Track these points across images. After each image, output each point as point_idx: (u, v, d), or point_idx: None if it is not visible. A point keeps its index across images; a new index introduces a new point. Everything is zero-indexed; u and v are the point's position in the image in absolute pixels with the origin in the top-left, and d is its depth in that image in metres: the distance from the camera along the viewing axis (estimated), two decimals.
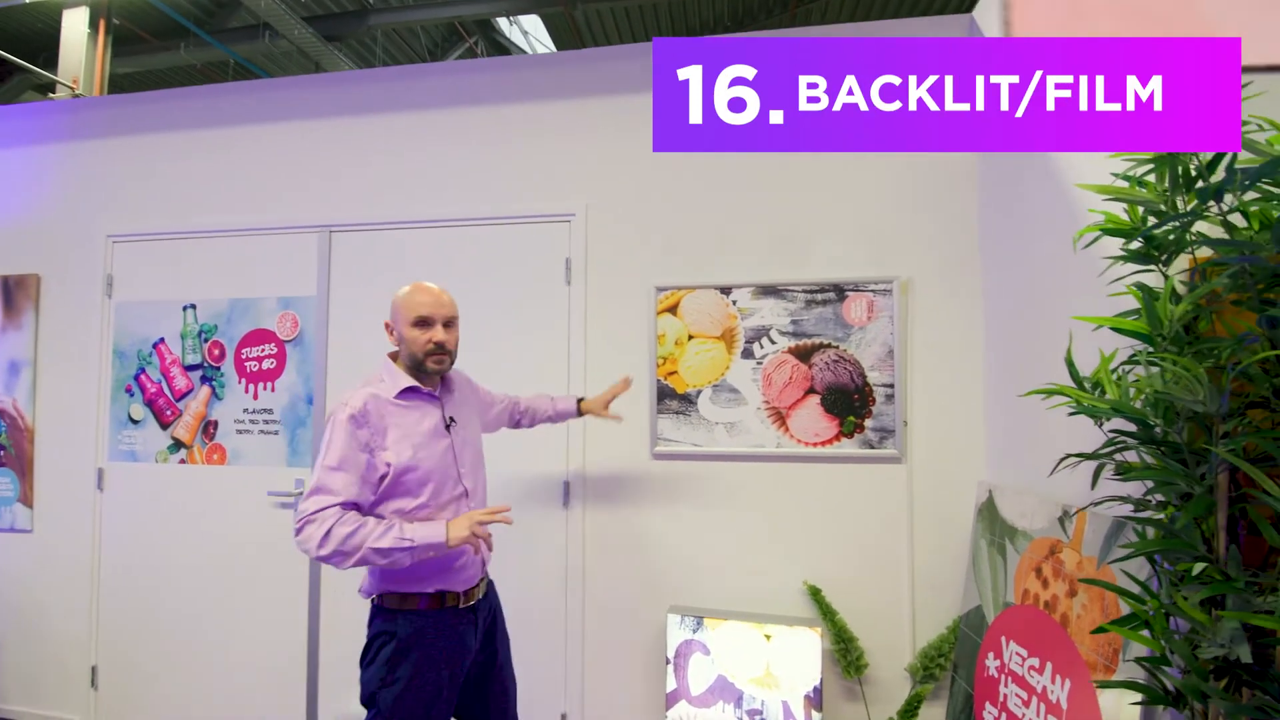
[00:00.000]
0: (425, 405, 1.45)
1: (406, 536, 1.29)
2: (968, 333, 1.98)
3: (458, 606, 1.43)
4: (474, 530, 1.33)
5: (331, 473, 1.31)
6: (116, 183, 2.57)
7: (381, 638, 1.40)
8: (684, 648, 1.95)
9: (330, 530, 1.26)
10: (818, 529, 2.03)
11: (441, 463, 1.43)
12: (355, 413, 1.34)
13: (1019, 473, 1.74)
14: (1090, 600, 1.32)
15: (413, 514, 1.38)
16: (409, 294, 1.45)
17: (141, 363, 2.51)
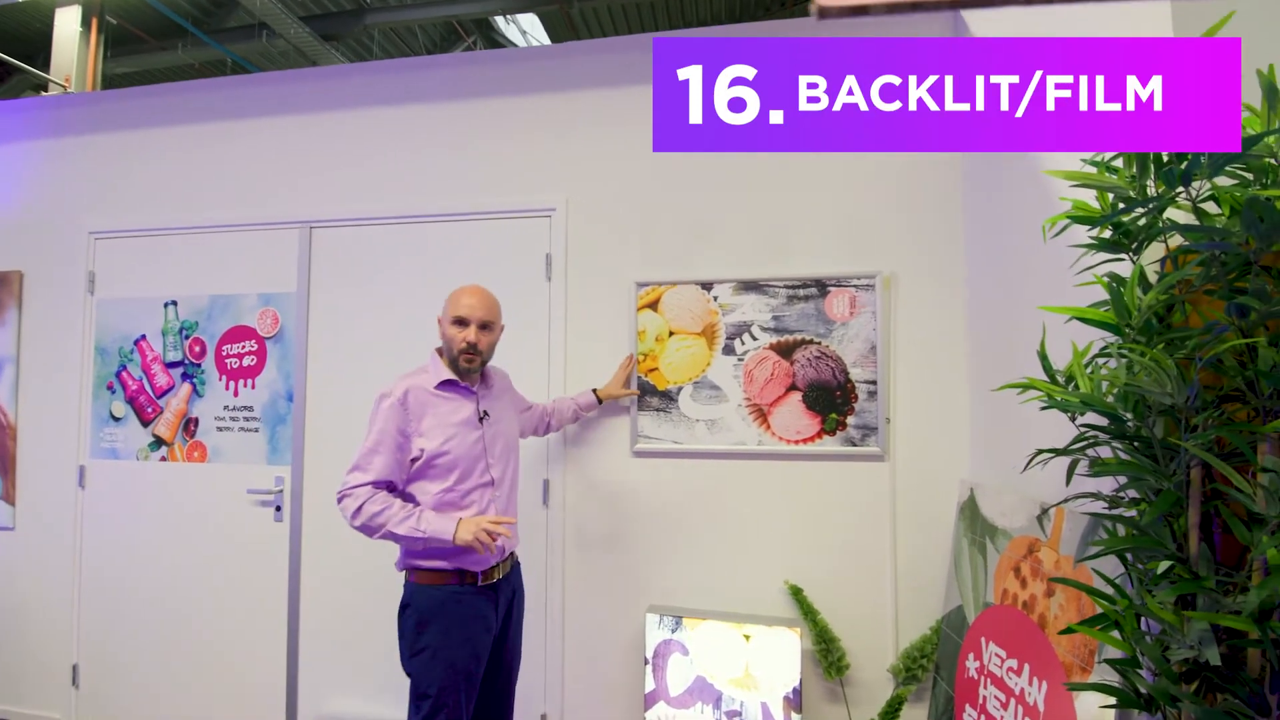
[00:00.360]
0: (461, 398, 1.58)
1: (420, 528, 1.44)
2: (951, 328, 1.95)
3: (476, 584, 1.53)
4: (478, 535, 1.42)
5: (369, 453, 1.48)
6: (99, 179, 2.56)
7: (406, 609, 1.53)
8: (663, 648, 1.92)
9: (362, 506, 1.43)
10: (799, 528, 2.00)
11: (471, 452, 1.55)
12: (395, 400, 1.49)
13: (999, 470, 1.70)
14: (1067, 600, 1.29)
15: (439, 496, 1.51)
16: (457, 293, 1.60)
17: (123, 360, 2.50)
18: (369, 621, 2.22)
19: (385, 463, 1.47)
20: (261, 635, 2.31)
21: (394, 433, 1.48)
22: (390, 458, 1.47)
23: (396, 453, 1.48)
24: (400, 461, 1.49)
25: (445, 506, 1.51)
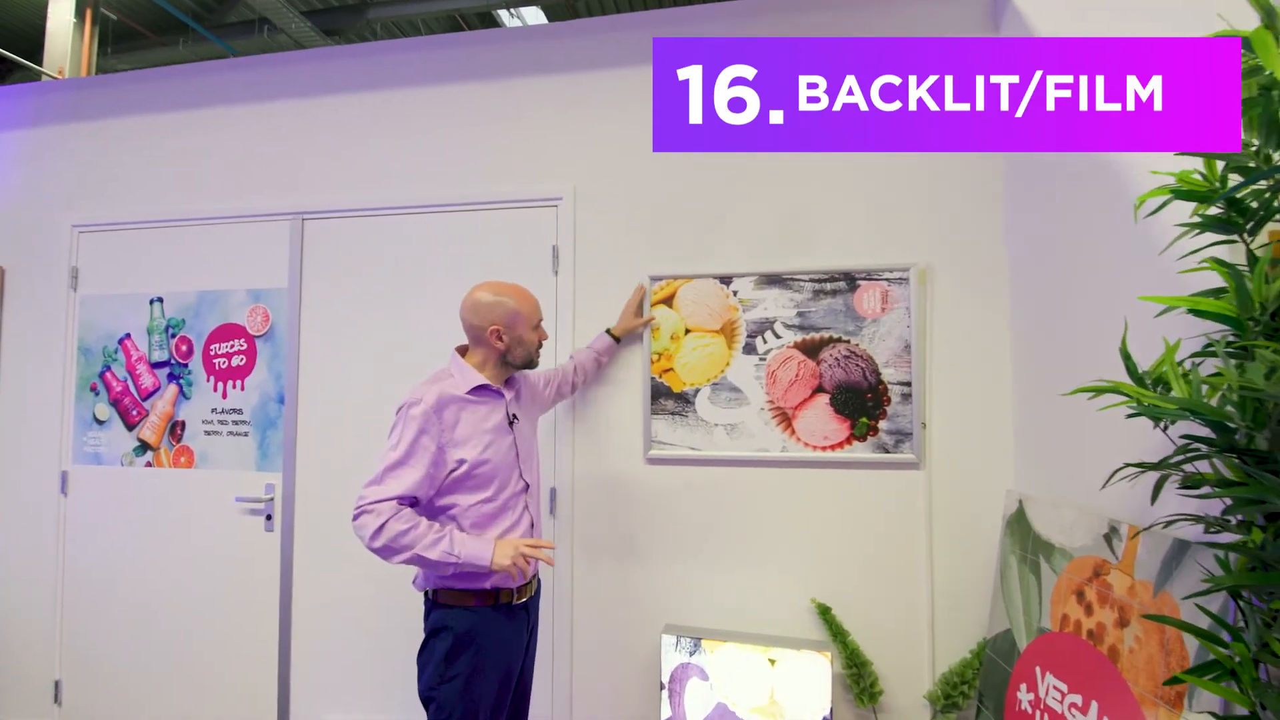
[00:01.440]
0: (493, 402, 1.48)
1: (454, 552, 1.31)
2: (993, 324, 1.79)
3: (511, 603, 1.44)
4: (516, 560, 1.34)
5: (397, 466, 1.33)
6: (82, 169, 2.43)
7: (438, 633, 1.40)
8: (680, 672, 1.77)
9: (385, 524, 1.28)
10: (827, 541, 1.85)
11: (507, 458, 1.46)
12: (429, 408, 1.36)
13: (1054, 481, 1.55)
14: (1146, 633, 1.14)
15: (476, 508, 1.40)
16: (523, 298, 1.50)
17: (107, 360, 2.37)
18: (364, 636, 2.08)
19: (415, 477, 1.33)
20: (252, 651, 2.18)
21: (428, 444, 1.35)
22: (422, 472, 1.34)
23: (430, 466, 1.35)
24: (433, 476, 1.36)
25: (484, 518, 1.41)
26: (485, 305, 1.46)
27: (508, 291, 1.48)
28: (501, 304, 1.46)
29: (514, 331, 1.47)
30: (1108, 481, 1.03)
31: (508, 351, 1.48)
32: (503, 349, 1.47)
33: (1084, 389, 1.02)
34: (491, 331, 1.45)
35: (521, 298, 1.49)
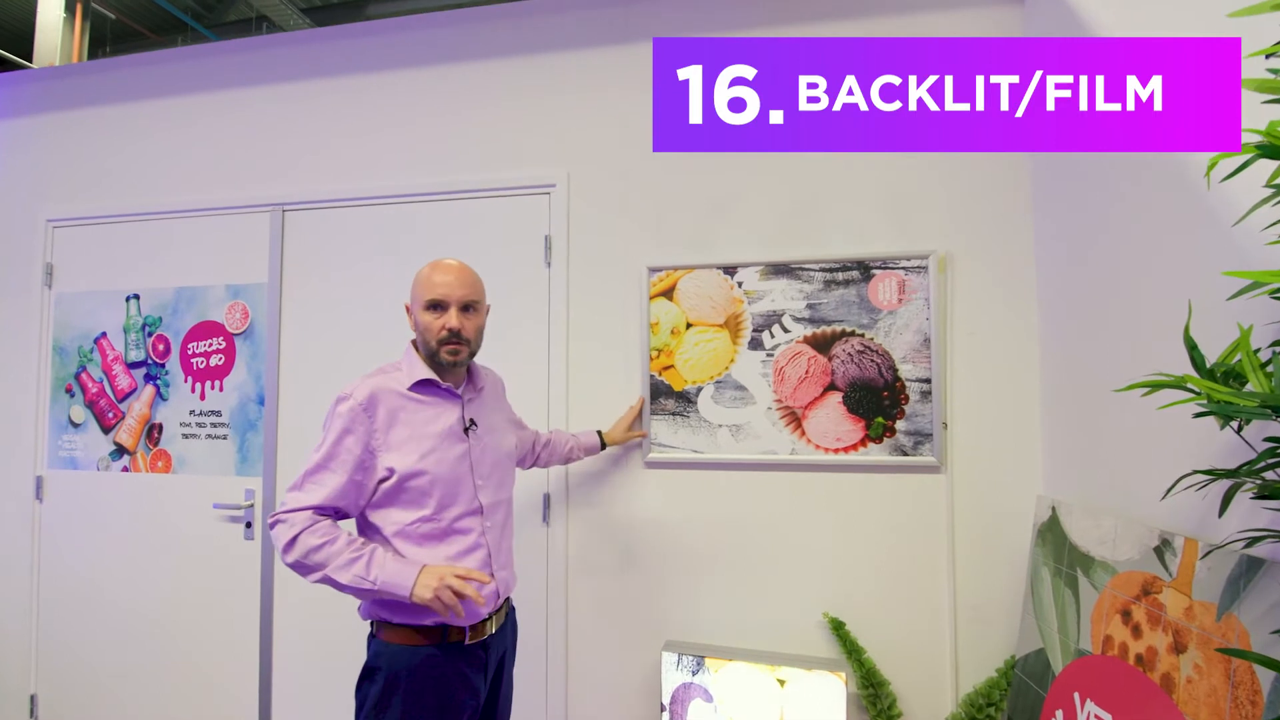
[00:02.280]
0: (442, 403, 1.26)
1: (369, 577, 1.10)
2: (1020, 315, 1.66)
3: (463, 642, 1.21)
4: (440, 593, 1.08)
5: (316, 470, 1.15)
6: (57, 162, 2.33)
7: (371, 674, 1.20)
8: (681, 692, 1.65)
9: (297, 537, 1.10)
10: (840, 551, 1.72)
11: (453, 471, 1.23)
12: (357, 405, 1.17)
13: (1092, 487, 1.41)
14: (1209, 662, 1.00)
15: (413, 528, 1.19)
16: (426, 272, 1.26)
17: (83, 360, 2.27)
18: (347, 650, 1.96)
19: (336, 484, 1.14)
20: (233, 663, 2.07)
21: (353, 446, 1.15)
22: (343, 478, 1.14)
23: (354, 472, 1.15)
24: (359, 484, 1.17)
25: (424, 541, 1.19)
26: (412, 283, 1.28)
27: (427, 264, 1.27)
28: (413, 280, 1.27)
29: (413, 310, 1.26)
30: (1170, 490, 0.89)
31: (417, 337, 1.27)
32: (414, 331, 1.27)
33: (1141, 384, 0.89)
34: (406, 308, 1.27)
35: (426, 268, 1.26)
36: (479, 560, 1.23)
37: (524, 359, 1.90)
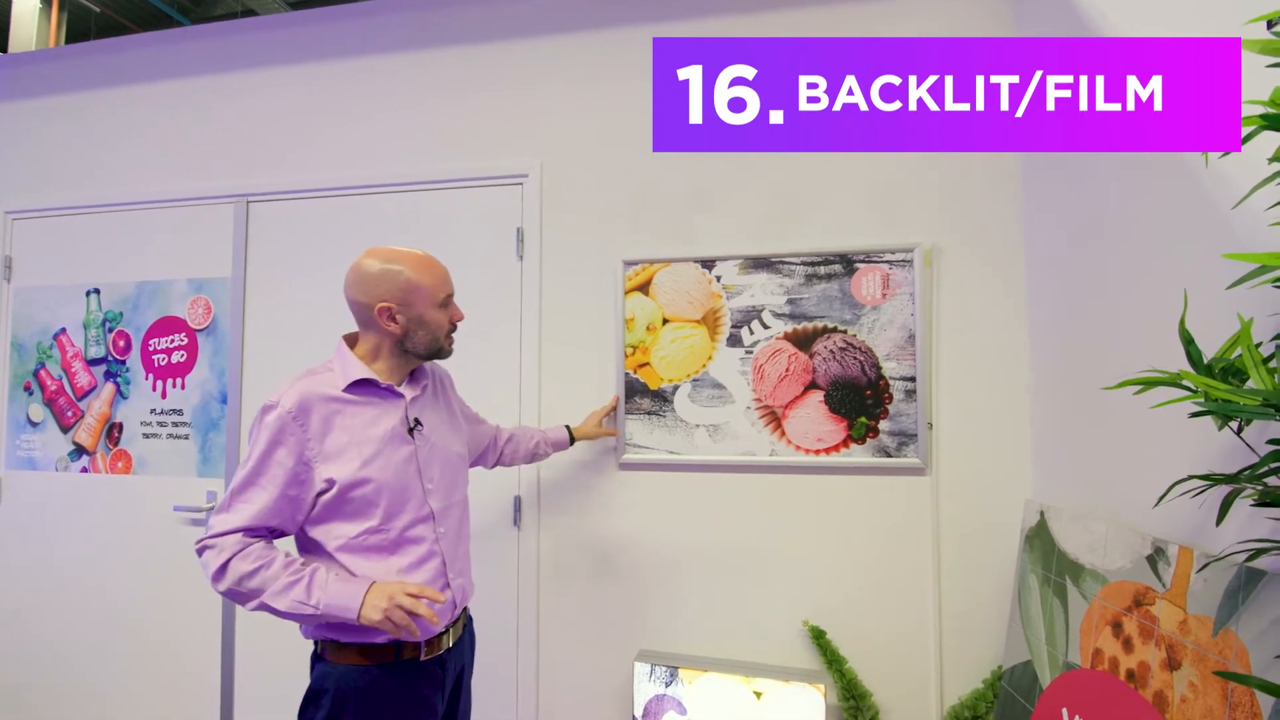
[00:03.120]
0: (383, 403, 1.15)
1: (311, 601, 1.00)
2: (1009, 311, 1.59)
3: (417, 659, 1.12)
4: (390, 613, 1.00)
5: (245, 488, 1.05)
6: (15, 152, 2.25)
7: (316, 697, 1.09)
8: (654, 705, 1.57)
9: (227, 564, 1.00)
10: (821, 557, 1.65)
11: (399, 477, 1.12)
12: (285, 413, 1.05)
13: (1083, 491, 1.34)
14: (1204, 680, 0.93)
15: (359, 541, 1.08)
16: (423, 267, 1.16)
17: (41, 356, 2.18)
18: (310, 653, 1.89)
19: (267, 502, 1.03)
20: (194, 670, 1.99)
21: (284, 459, 1.05)
22: (275, 494, 1.04)
23: (287, 487, 1.04)
24: (294, 499, 1.06)
25: (372, 555, 1.09)
26: (372, 277, 1.12)
27: (402, 259, 1.14)
28: (392, 274, 1.12)
29: (411, 310, 1.13)
30: (1163, 497, 0.82)
31: (405, 336, 1.15)
32: (398, 333, 1.14)
33: (1133, 381, 0.82)
34: (381, 310, 1.12)
35: (421, 266, 1.15)
36: (434, 570, 1.14)
37: (495, 355, 1.82)
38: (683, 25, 1.77)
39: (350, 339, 1.19)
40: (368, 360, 1.16)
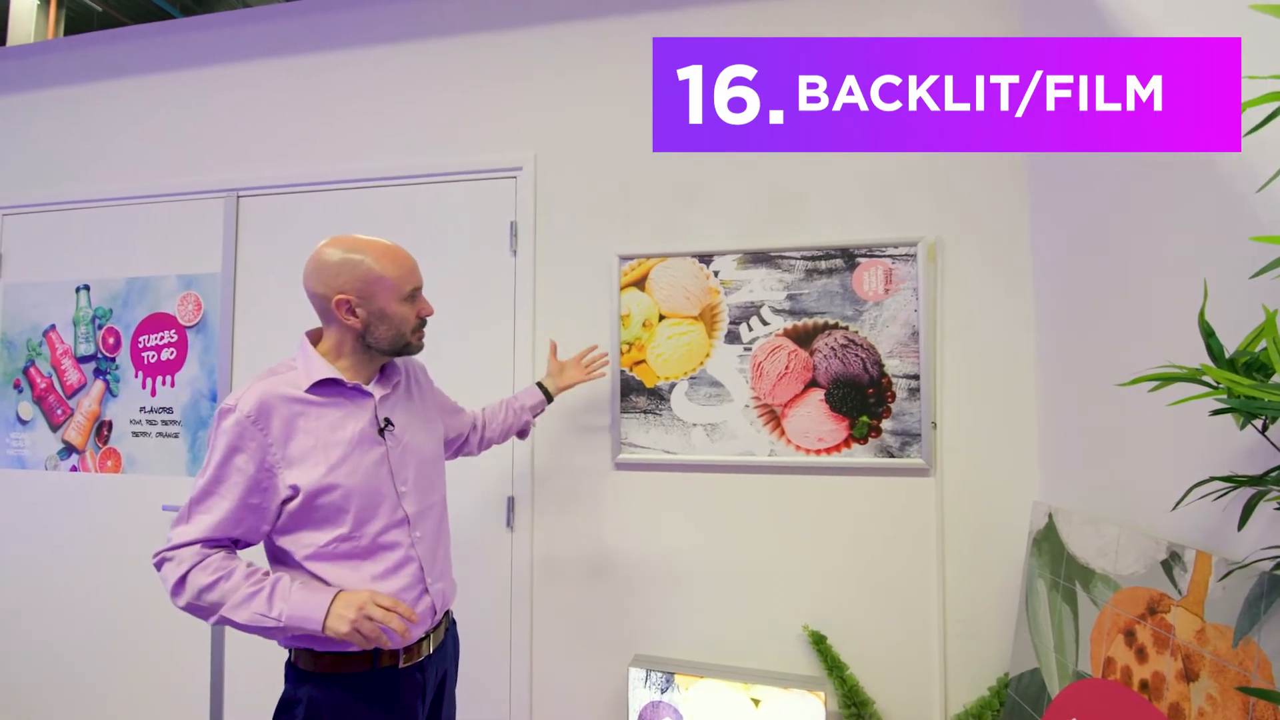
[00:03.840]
0: (350, 403, 1.08)
1: (273, 614, 0.95)
2: (1016, 306, 1.54)
3: (397, 666, 1.06)
4: (359, 624, 0.95)
5: (204, 497, 0.99)
6: (5, 147, 2.22)
7: (289, 708, 1.04)
8: (649, 712, 1.53)
9: (185, 576, 0.95)
10: (822, 560, 1.60)
11: (370, 480, 1.06)
12: (244, 416, 0.98)
13: (1092, 493, 1.29)
14: (1224, 693, 0.88)
15: (330, 549, 1.02)
16: (387, 257, 1.07)
17: (31, 354, 2.16)
18: None
19: (226, 511, 0.97)
20: (183, 671, 1.96)
21: (244, 465, 0.98)
22: (235, 503, 0.98)
23: (247, 495, 0.98)
24: (256, 508, 0.99)
25: (342, 560, 1.03)
26: (331, 267, 1.04)
27: (365, 248, 1.06)
28: (353, 264, 1.04)
29: (373, 303, 1.05)
30: (1182, 500, 0.78)
31: (366, 331, 1.06)
32: (358, 327, 1.06)
33: (1150, 377, 0.77)
34: (339, 302, 1.04)
35: (384, 256, 1.06)
36: (411, 575, 1.08)
37: (488, 352, 1.79)
38: (681, 14, 1.73)
39: (314, 335, 1.12)
40: (331, 358, 1.09)
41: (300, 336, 1.11)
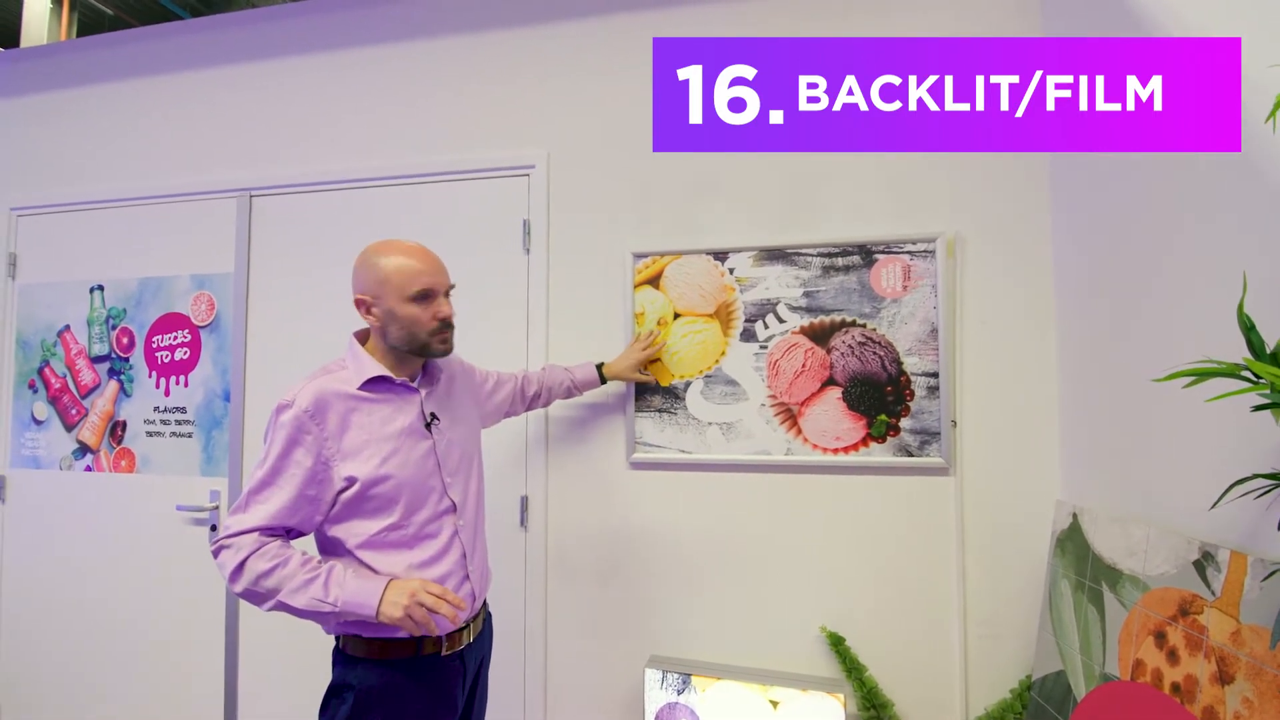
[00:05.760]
0: (398, 399, 1.14)
1: (329, 599, 0.99)
2: (1038, 302, 1.52)
3: (439, 654, 1.11)
4: (411, 611, 0.99)
5: (262, 488, 1.04)
6: (21, 148, 2.23)
7: (339, 693, 1.09)
8: (666, 714, 1.52)
9: (244, 563, 0.99)
10: (840, 560, 1.58)
11: (419, 472, 1.12)
12: (301, 412, 1.05)
13: (1118, 492, 1.27)
14: (1262, 697, 0.86)
15: (381, 538, 1.08)
16: (399, 260, 1.11)
17: (46, 354, 2.16)
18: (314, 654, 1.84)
19: (284, 501, 1.03)
20: (197, 670, 1.96)
21: (302, 459, 1.04)
22: (293, 494, 1.03)
23: (305, 487, 1.04)
24: (313, 499, 1.05)
25: (392, 551, 1.08)
26: (357, 269, 1.13)
27: (388, 250, 1.12)
28: (371, 265, 1.11)
29: (383, 304, 1.10)
30: (1222, 498, 0.76)
31: (384, 331, 1.12)
32: (377, 326, 1.13)
33: (1186, 372, 0.75)
34: (358, 302, 1.12)
35: (397, 255, 1.11)
36: (454, 561, 1.14)
37: (501, 351, 1.78)
38: (694, 10, 1.71)
39: (360, 335, 1.19)
40: (378, 356, 1.15)
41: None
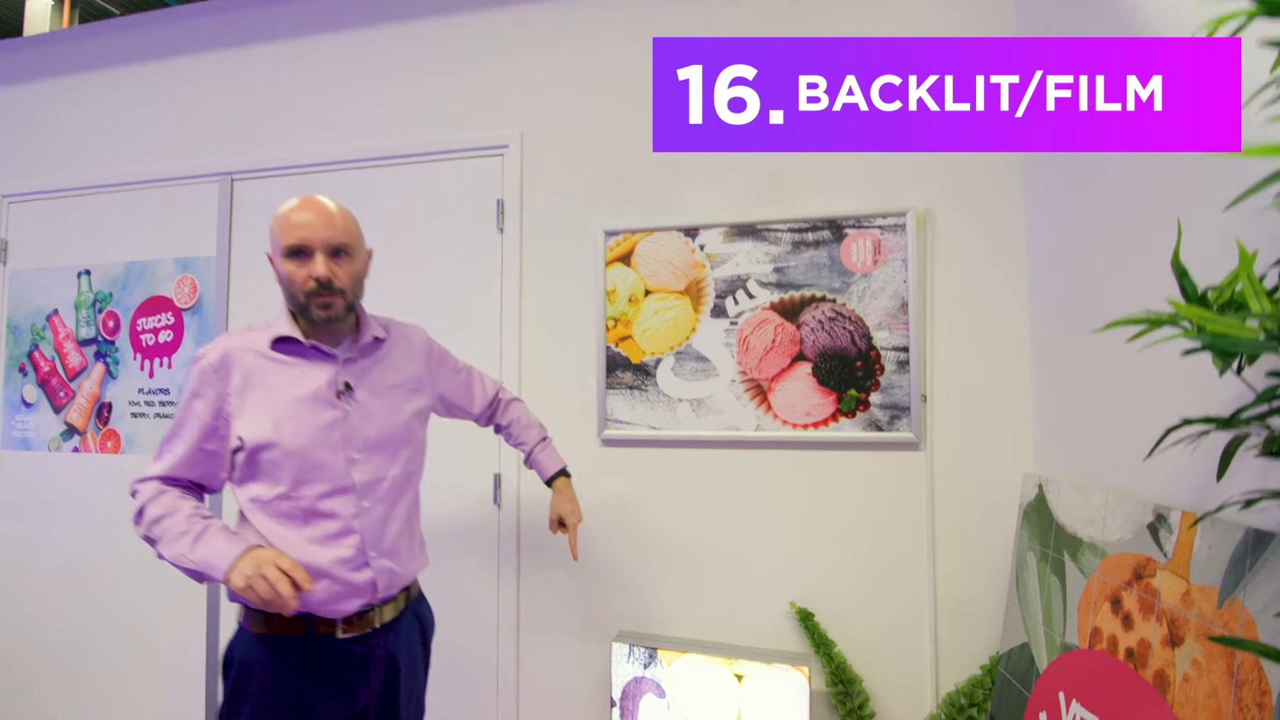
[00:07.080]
0: (308, 364, 1.07)
1: (191, 556, 0.94)
2: (1009, 276, 1.50)
3: (334, 635, 1.04)
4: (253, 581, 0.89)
5: (170, 438, 1.04)
6: (11, 136, 2.26)
7: (226, 665, 1.06)
8: (632, 687, 1.52)
9: (143, 508, 1.00)
10: (809, 535, 1.57)
11: (316, 443, 1.04)
12: (208, 365, 1.03)
13: (1082, 460, 1.25)
14: (1209, 657, 0.85)
15: (273, 506, 1.03)
16: (283, 212, 1.06)
17: (35, 338, 2.20)
18: None
19: (183, 453, 1.02)
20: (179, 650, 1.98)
21: (201, 411, 1.02)
22: (190, 446, 1.01)
23: (202, 440, 1.02)
24: (211, 454, 1.03)
25: (281, 519, 1.02)
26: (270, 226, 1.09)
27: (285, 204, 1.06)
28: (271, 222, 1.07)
29: (275, 261, 1.06)
30: (1156, 446, 0.74)
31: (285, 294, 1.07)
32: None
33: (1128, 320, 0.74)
34: (269, 257, 1.08)
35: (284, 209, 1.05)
36: (352, 547, 1.04)
37: (475, 329, 1.78)
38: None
39: None
40: (297, 318, 1.09)
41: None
